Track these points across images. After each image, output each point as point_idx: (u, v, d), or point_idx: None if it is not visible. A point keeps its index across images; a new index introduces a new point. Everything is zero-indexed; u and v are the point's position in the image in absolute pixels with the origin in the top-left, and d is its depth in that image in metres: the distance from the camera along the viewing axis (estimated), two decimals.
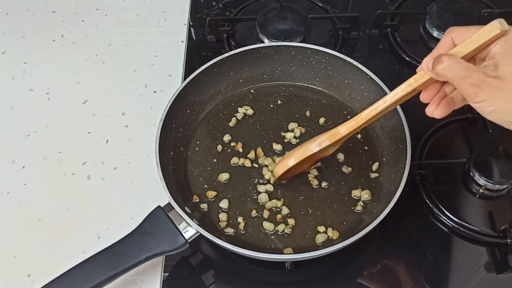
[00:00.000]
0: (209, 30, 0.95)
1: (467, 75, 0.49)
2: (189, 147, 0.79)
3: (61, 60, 0.94)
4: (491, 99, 0.49)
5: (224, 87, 0.83)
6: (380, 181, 0.74)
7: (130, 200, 0.77)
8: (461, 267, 0.70)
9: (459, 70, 0.50)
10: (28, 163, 0.81)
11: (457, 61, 0.50)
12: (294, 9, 0.95)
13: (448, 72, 0.51)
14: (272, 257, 0.64)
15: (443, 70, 0.51)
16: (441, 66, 0.51)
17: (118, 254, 0.63)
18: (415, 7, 0.98)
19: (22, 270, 0.72)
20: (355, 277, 0.71)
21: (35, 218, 0.76)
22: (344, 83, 0.82)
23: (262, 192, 0.74)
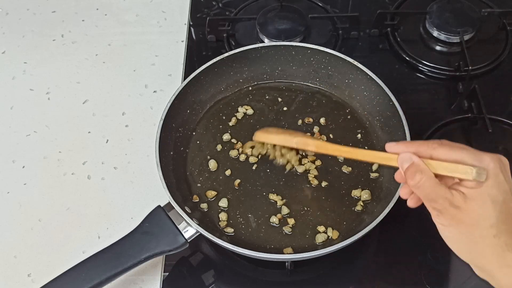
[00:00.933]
0: (209, 30, 0.95)
1: (434, 199, 0.49)
2: (189, 147, 0.79)
3: (61, 60, 0.94)
4: (448, 226, 0.50)
5: (224, 87, 0.83)
6: (380, 181, 0.74)
7: (130, 200, 0.77)
8: (461, 267, 0.70)
9: (428, 192, 0.49)
10: (28, 163, 0.81)
11: (428, 182, 0.49)
12: (294, 9, 0.95)
13: (417, 190, 0.50)
14: (272, 257, 0.64)
15: (413, 187, 0.50)
16: (412, 182, 0.50)
17: (118, 254, 0.63)
18: (415, 7, 0.98)
19: (22, 270, 0.72)
20: (355, 277, 0.71)
21: (35, 218, 0.76)
22: (344, 83, 0.82)
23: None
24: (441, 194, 0.49)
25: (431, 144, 0.51)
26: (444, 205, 0.49)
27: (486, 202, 0.47)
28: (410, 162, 0.51)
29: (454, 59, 0.90)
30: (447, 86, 0.89)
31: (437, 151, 0.50)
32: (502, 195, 0.47)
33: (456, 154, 0.49)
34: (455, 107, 0.85)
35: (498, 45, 0.92)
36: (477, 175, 0.47)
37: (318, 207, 0.72)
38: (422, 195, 0.50)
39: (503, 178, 0.48)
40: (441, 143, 0.51)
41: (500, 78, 0.89)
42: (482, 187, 0.48)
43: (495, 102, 0.84)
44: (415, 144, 0.52)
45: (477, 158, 0.48)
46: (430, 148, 0.50)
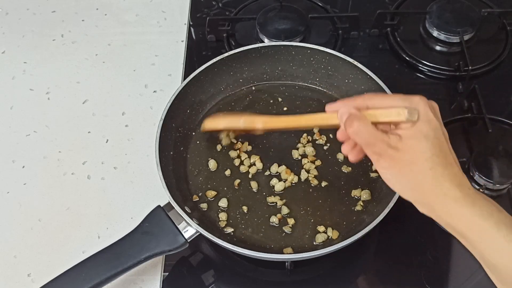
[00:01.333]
0: (209, 30, 0.95)
1: (372, 143, 0.52)
2: (189, 147, 0.79)
3: (61, 60, 0.94)
4: (389, 167, 0.53)
5: (224, 86, 0.84)
6: (380, 181, 0.73)
7: (130, 200, 0.77)
8: (461, 267, 0.70)
9: (366, 136, 0.53)
10: (28, 163, 0.81)
11: (366, 128, 0.52)
12: (294, 9, 0.95)
13: (356, 137, 0.53)
14: (272, 257, 0.64)
15: (352, 134, 0.53)
16: (351, 129, 0.53)
17: (118, 253, 0.63)
18: (415, 7, 0.98)
19: (22, 270, 0.72)
20: (355, 277, 0.71)
21: (35, 218, 0.76)
22: (344, 83, 0.82)
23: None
24: (379, 138, 0.52)
25: (366, 96, 0.55)
26: (382, 147, 0.52)
27: (419, 139, 0.51)
28: (346, 115, 0.54)
29: (454, 59, 0.90)
30: (447, 86, 0.89)
31: (372, 101, 0.54)
32: (433, 131, 0.52)
33: (388, 101, 0.54)
34: (455, 107, 0.86)
35: (498, 45, 0.92)
36: (409, 115, 0.51)
37: (318, 207, 0.72)
38: (361, 141, 0.53)
39: (433, 116, 0.52)
40: (375, 94, 0.56)
41: (500, 78, 0.89)
42: (415, 126, 0.51)
43: (495, 102, 0.84)
44: (351, 99, 0.55)
45: (407, 100, 0.52)
46: (365, 99, 0.54)
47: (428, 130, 0.51)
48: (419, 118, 0.51)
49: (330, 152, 0.77)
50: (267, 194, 0.74)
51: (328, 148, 0.78)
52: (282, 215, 0.72)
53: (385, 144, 0.52)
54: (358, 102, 0.54)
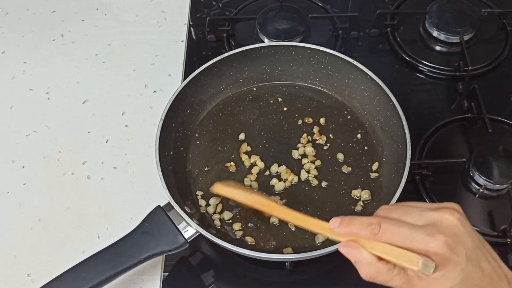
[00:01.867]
0: (209, 30, 0.95)
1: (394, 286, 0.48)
2: (189, 147, 0.79)
3: (61, 60, 0.94)
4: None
5: (224, 87, 0.83)
6: (380, 181, 0.74)
7: (130, 200, 0.77)
8: None
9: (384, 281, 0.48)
10: (28, 163, 0.81)
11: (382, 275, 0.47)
12: (294, 9, 0.95)
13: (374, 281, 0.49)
14: (272, 257, 0.64)
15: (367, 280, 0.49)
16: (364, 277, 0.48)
17: (118, 253, 0.63)
18: (415, 7, 0.98)
19: (22, 270, 0.72)
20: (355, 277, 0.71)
21: (35, 218, 0.76)
22: (344, 83, 0.82)
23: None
24: (398, 281, 0.47)
25: (372, 228, 0.47)
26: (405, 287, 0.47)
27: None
28: (352, 259, 0.49)
29: (454, 59, 0.90)
30: (447, 86, 0.89)
31: (378, 237, 0.47)
32: (460, 275, 0.45)
33: (399, 241, 0.46)
34: (455, 107, 0.86)
35: (498, 45, 0.92)
36: (423, 267, 0.44)
37: (318, 207, 0.72)
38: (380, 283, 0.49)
39: (456, 257, 0.45)
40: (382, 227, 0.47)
41: (500, 78, 0.89)
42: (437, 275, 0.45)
43: (495, 102, 0.84)
44: (355, 226, 0.49)
45: (422, 244, 0.45)
46: (371, 234, 0.47)
47: (456, 276, 0.45)
48: (441, 267, 0.45)
49: (330, 152, 0.77)
50: (267, 194, 0.74)
51: (328, 148, 0.78)
52: None
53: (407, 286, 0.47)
54: (363, 234, 0.48)
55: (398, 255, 0.46)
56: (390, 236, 0.47)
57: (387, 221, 0.47)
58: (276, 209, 0.62)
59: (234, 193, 0.66)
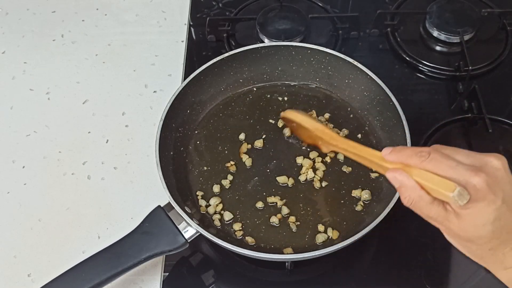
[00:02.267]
0: (209, 30, 0.95)
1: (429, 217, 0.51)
2: (189, 147, 0.79)
3: (61, 60, 0.94)
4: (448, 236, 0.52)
5: (224, 87, 0.83)
6: (380, 181, 0.74)
7: (130, 200, 0.77)
8: (461, 267, 0.70)
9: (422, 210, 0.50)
10: (28, 163, 0.81)
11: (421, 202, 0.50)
12: (294, 9, 0.95)
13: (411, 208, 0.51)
14: (272, 257, 0.64)
15: (407, 205, 0.51)
16: (405, 202, 0.51)
17: (118, 254, 0.63)
18: (415, 7, 0.98)
19: (22, 270, 0.72)
20: (355, 277, 0.71)
21: (35, 218, 0.76)
22: (344, 83, 0.82)
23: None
24: (435, 212, 0.50)
25: (421, 155, 0.50)
26: (439, 221, 0.50)
27: (477, 224, 0.48)
28: (398, 183, 0.51)
29: (454, 59, 0.90)
30: (447, 86, 0.89)
31: (425, 164, 0.50)
32: (493, 213, 0.47)
33: (443, 170, 0.49)
34: (455, 107, 0.85)
35: (498, 45, 0.92)
36: (458, 195, 0.46)
37: (318, 207, 0.72)
38: (418, 213, 0.51)
39: (493, 196, 0.47)
40: (431, 155, 0.49)
41: (500, 78, 0.89)
42: (471, 209, 0.47)
43: (495, 102, 0.84)
44: (405, 153, 0.52)
45: (464, 177, 0.47)
46: (419, 160, 0.50)
47: (488, 214, 0.47)
48: (476, 201, 0.47)
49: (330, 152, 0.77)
50: (267, 194, 0.74)
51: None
52: (282, 215, 0.72)
53: (442, 218, 0.50)
54: (412, 161, 0.50)
55: (438, 182, 0.48)
56: (436, 164, 0.49)
57: (436, 152, 0.50)
58: (336, 138, 0.66)
59: (302, 118, 0.72)
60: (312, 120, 0.71)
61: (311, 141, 0.72)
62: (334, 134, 0.67)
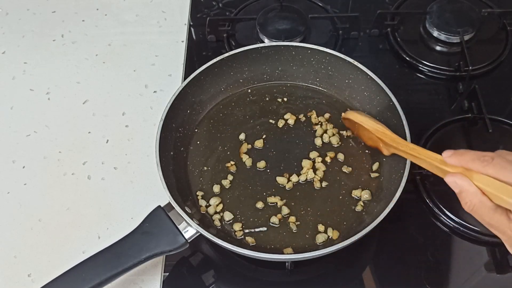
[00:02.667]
0: (209, 30, 0.95)
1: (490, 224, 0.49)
2: (189, 147, 0.79)
3: (61, 60, 0.94)
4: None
5: (224, 87, 0.83)
6: (380, 181, 0.74)
7: (130, 200, 0.77)
8: (461, 267, 0.70)
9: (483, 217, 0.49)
10: (28, 163, 0.81)
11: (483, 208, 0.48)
12: (294, 9, 0.95)
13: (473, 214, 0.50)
14: (272, 257, 0.64)
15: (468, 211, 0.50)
16: (466, 207, 0.49)
17: (118, 254, 0.63)
18: (415, 7, 0.98)
19: (22, 270, 0.72)
20: (355, 277, 0.71)
21: (35, 218, 0.76)
22: (345, 83, 0.82)
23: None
24: (497, 220, 0.48)
25: (484, 159, 0.49)
26: (501, 230, 0.48)
27: None
28: (458, 188, 0.49)
29: (454, 59, 0.90)
30: (447, 86, 0.89)
31: (488, 169, 0.48)
32: None
33: (507, 176, 0.47)
34: (455, 107, 0.85)
35: (498, 45, 0.92)
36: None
37: (318, 207, 0.72)
38: (479, 219, 0.49)
39: None
40: (494, 160, 0.48)
41: (500, 78, 0.89)
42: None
43: (495, 102, 0.84)
44: (467, 157, 0.50)
45: None
46: (482, 165, 0.48)
47: None
48: None
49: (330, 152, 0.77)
50: (267, 194, 0.74)
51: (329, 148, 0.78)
52: (282, 215, 0.72)
53: (505, 228, 0.48)
54: (474, 166, 0.49)
55: (501, 188, 0.47)
56: (500, 170, 0.47)
57: (500, 157, 0.48)
58: (396, 140, 0.66)
59: (363, 119, 0.72)
60: (373, 122, 0.71)
61: (372, 143, 0.72)
62: (395, 136, 0.67)
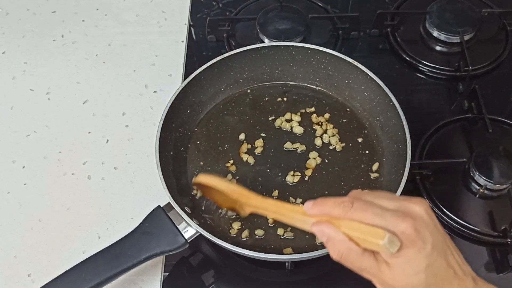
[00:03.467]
0: (209, 30, 0.95)
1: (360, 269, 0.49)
2: (189, 147, 0.79)
3: (61, 60, 0.94)
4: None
5: (224, 87, 0.83)
6: (380, 181, 0.74)
7: (130, 200, 0.77)
8: None
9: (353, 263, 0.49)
10: (28, 163, 0.81)
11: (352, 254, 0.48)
12: (294, 9, 0.95)
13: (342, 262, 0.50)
14: (272, 257, 0.64)
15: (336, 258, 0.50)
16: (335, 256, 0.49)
17: (118, 254, 0.63)
18: (415, 7, 0.98)
19: (22, 270, 0.72)
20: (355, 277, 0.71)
21: (35, 218, 0.76)
22: (344, 83, 0.82)
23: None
24: (367, 264, 0.48)
25: (344, 205, 0.49)
26: (372, 273, 0.49)
27: (409, 274, 0.46)
28: (325, 237, 0.49)
29: (454, 59, 0.90)
30: (447, 86, 0.89)
31: (350, 214, 0.48)
32: (425, 260, 0.46)
33: (370, 218, 0.47)
34: (455, 107, 0.86)
35: (498, 45, 0.92)
36: (389, 242, 0.45)
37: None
38: (348, 266, 0.50)
39: (422, 243, 0.46)
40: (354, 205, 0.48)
41: (500, 78, 0.89)
42: (402, 257, 0.46)
43: (495, 102, 0.84)
44: (327, 205, 0.50)
45: (392, 223, 0.46)
46: (344, 210, 0.48)
47: (421, 260, 0.46)
48: (405, 248, 0.46)
49: (330, 152, 0.77)
50: (267, 194, 0.74)
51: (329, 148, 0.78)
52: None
53: (374, 270, 0.48)
54: (336, 212, 0.49)
55: (367, 230, 0.47)
56: (362, 213, 0.48)
57: (359, 200, 0.49)
58: (254, 198, 0.60)
59: (217, 182, 0.63)
60: (227, 183, 0.63)
61: (228, 205, 0.65)
62: (252, 194, 0.61)
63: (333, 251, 0.49)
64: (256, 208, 0.60)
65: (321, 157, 0.76)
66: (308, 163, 0.76)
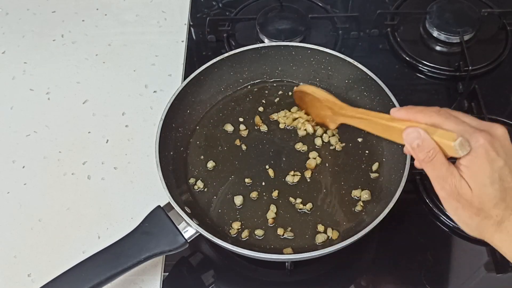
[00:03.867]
0: (209, 30, 0.95)
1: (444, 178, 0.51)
2: (189, 147, 0.79)
3: (61, 60, 0.94)
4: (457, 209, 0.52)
5: (224, 87, 0.83)
6: (380, 181, 0.74)
7: (130, 200, 0.77)
8: (461, 267, 0.70)
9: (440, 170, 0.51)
10: (28, 163, 0.81)
11: (439, 158, 0.51)
12: (294, 9, 0.95)
13: (427, 165, 0.52)
14: (272, 257, 0.64)
15: (424, 161, 0.52)
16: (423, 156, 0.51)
17: (118, 254, 0.63)
18: (415, 7, 0.98)
19: (22, 270, 0.72)
20: (355, 277, 0.71)
21: (35, 218, 0.76)
22: (344, 83, 0.82)
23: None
24: (447, 172, 0.50)
25: (431, 109, 0.53)
26: (449, 182, 0.50)
27: (485, 183, 0.49)
28: (419, 139, 0.51)
29: (454, 59, 0.90)
30: (447, 86, 0.89)
31: (433, 118, 0.52)
32: (497, 171, 0.49)
33: (449, 125, 0.51)
34: (455, 107, 0.85)
35: (498, 45, 0.92)
36: (460, 144, 0.48)
37: (318, 207, 0.72)
38: (429, 172, 0.52)
39: (495, 154, 0.49)
40: (440, 111, 0.53)
41: (500, 78, 0.89)
42: (475, 166, 0.49)
43: (495, 102, 0.84)
44: (414, 109, 0.54)
45: (469, 132, 0.50)
46: (427, 116, 0.52)
47: (493, 171, 0.49)
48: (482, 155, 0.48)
49: (330, 152, 0.77)
50: (268, 194, 0.74)
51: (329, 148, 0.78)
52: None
53: (452, 179, 0.50)
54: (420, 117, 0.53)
55: (442, 133, 0.50)
56: (443, 119, 0.51)
57: (445, 110, 0.53)
58: (344, 107, 0.69)
59: (314, 89, 0.74)
60: (324, 92, 0.73)
61: (320, 119, 0.75)
62: (344, 104, 0.69)
63: (422, 154, 0.51)
64: (345, 117, 0.68)
65: (321, 157, 0.76)
66: (308, 163, 0.76)
